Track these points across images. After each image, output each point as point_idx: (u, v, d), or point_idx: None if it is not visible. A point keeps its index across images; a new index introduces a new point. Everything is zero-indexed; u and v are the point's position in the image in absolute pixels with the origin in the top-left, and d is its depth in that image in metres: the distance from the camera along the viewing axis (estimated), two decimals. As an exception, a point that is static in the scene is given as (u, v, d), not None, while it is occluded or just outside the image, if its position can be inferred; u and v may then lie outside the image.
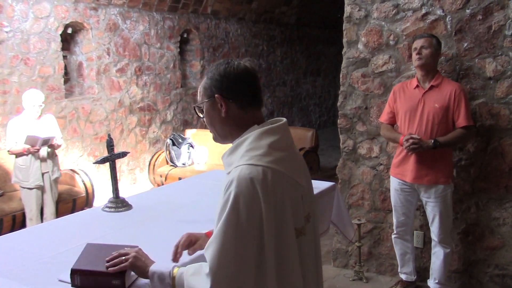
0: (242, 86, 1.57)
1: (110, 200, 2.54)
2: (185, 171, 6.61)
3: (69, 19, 6.32)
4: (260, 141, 1.52)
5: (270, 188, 1.45)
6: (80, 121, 6.60)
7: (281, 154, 1.53)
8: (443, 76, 3.40)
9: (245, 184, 1.43)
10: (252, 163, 1.47)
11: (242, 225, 1.42)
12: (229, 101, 1.56)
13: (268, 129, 1.54)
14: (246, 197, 1.42)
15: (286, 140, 1.60)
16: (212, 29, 8.74)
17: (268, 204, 1.44)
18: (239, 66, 1.57)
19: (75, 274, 1.68)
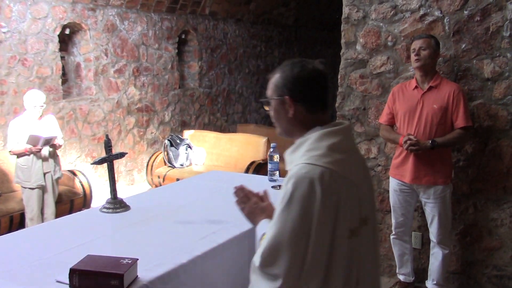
0: (312, 91, 1.63)
1: (108, 201, 2.53)
2: (183, 172, 6.60)
3: (67, 20, 6.31)
4: (321, 142, 1.57)
5: (327, 188, 1.49)
6: (78, 122, 6.60)
7: (340, 156, 1.57)
8: (442, 77, 3.40)
9: (302, 182, 1.48)
10: (311, 162, 1.52)
11: (294, 221, 1.47)
12: (298, 104, 1.61)
13: (329, 131, 1.59)
14: (302, 194, 1.48)
15: (347, 143, 1.65)
16: (210, 30, 8.73)
17: (324, 204, 1.48)
18: (313, 70, 1.63)
19: (74, 274, 1.68)
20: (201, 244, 2.08)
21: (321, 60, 1.70)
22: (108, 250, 1.98)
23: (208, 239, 2.14)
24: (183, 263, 1.90)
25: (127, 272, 1.66)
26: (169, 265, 1.86)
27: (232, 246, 2.18)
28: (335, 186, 1.51)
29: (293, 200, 1.48)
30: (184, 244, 2.08)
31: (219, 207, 2.62)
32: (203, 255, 2.01)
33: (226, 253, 2.14)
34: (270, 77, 1.72)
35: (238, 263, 2.22)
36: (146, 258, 1.89)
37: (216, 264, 2.08)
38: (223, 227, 2.28)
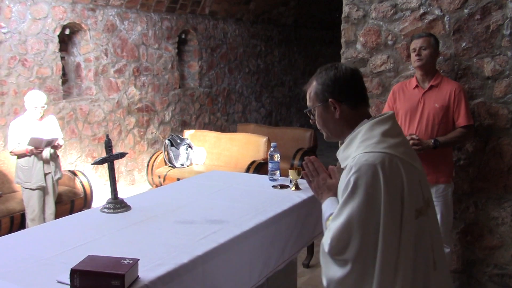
0: (351, 88, 1.75)
1: (109, 201, 2.53)
2: (184, 172, 6.60)
3: (67, 20, 6.31)
4: (373, 131, 1.67)
5: (389, 172, 1.58)
6: (78, 122, 6.60)
7: (395, 140, 1.67)
8: (442, 75, 3.40)
9: (365, 169, 1.58)
10: (369, 150, 1.61)
11: (361, 208, 1.57)
12: (342, 103, 1.74)
13: (378, 120, 1.71)
14: (367, 181, 1.57)
15: (397, 128, 1.74)
16: (210, 29, 8.73)
17: (388, 188, 1.56)
18: (347, 70, 1.76)
19: (75, 274, 1.67)
20: (202, 244, 2.08)
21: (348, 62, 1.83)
22: (109, 250, 1.97)
23: (209, 239, 2.14)
24: (183, 263, 1.89)
25: (128, 272, 1.66)
26: (170, 265, 1.85)
27: (233, 245, 2.17)
28: (397, 169, 1.60)
29: (358, 188, 1.57)
30: (185, 244, 2.07)
31: (219, 207, 2.62)
32: (204, 255, 2.00)
33: (227, 252, 2.14)
34: (307, 87, 1.84)
35: (239, 262, 2.22)
36: (147, 258, 1.88)
37: (217, 264, 2.07)
38: (224, 227, 2.28)
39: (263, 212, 2.49)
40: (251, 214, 2.46)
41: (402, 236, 1.59)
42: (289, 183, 2.94)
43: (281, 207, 2.57)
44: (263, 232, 2.38)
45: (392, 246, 1.58)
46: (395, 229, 1.59)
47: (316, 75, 1.81)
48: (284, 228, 2.56)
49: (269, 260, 2.46)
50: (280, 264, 2.56)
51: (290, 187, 2.90)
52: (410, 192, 1.62)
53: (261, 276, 2.41)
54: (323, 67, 1.82)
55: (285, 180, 3.04)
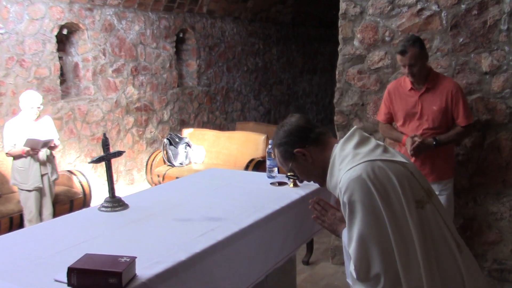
0: (304, 131, 1.81)
1: (106, 200, 2.53)
2: (183, 171, 6.60)
3: (64, 20, 6.30)
4: (344, 151, 1.73)
5: (376, 177, 1.62)
6: (77, 122, 6.59)
7: (367, 147, 1.72)
8: (436, 73, 3.34)
9: (353, 184, 1.62)
10: (349, 167, 1.67)
11: (366, 223, 1.60)
12: (306, 147, 1.80)
13: (344, 139, 1.77)
14: (359, 195, 1.61)
15: (364, 137, 1.79)
16: (208, 28, 8.73)
17: (381, 192, 1.61)
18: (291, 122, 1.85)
19: (72, 273, 1.67)
20: (200, 242, 2.07)
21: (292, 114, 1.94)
22: (106, 249, 1.97)
23: (207, 236, 2.14)
24: (182, 260, 1.89)
25: (126, 270, 1.65)
26: (167, 262, 1.85)
27: (231, 243, 2.17)
28: (382, 171, 1.64)
29: (354, 205, 1.62)
30: (183, 242, 2.07)
31: (217, 205, 2.62)
32: (202, 252, 2.00)
33: (225, 250, 2.13)
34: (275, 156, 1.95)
35: (237, 260, 2.22)
36: (145, 256, 1.88)
37: (215, 261, 2.07)
38: (222, 224, 2.28)
39: (261, 209, 2.48)
40: (249, 212, 2.46)
41: (412, 231, 1.61)
42: (287, 180, 2.94)
43: (279, 204, 2.57)
44: (261, 229, 2.38)
45: (408, 243, 1.61)
46: (404, 227, 1.61)
47: (273, 144, 1.91)
48: (282, 225, 2.56)
49: (268, 257, 2.46)
50: (279, 261, 2.56)
51: (288, 184, 2.90)
52: (404, 186, 1.64)
53: (260, 274, 2.41)
54: (274, 132, 1.92)
55: (283, 177, 3.04)
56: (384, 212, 1.60)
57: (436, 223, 1.69)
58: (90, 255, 1.77)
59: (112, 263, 1.69)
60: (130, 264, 1.70)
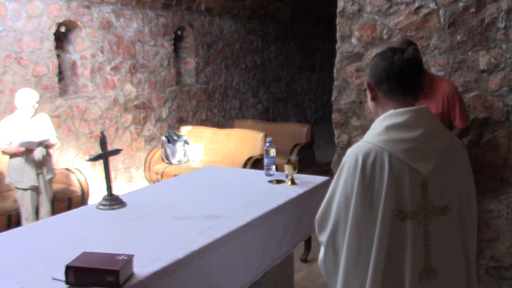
0: (386, 78, 1.68)
1: (104, 198, 2.53)
2: (181, 169, 6.60)
3: (62, 18, 6.29)
4: (382, 122, 1.66)
5: (368, 164, 1.60)
6: (75, 120, 6.58)
7: (399, 136, 1.62)
8: (432, 75, 3.29)
9: (350, 156, 1.65)
10: (366, 140, 1.66)
11: (340, 189, 1.66)
12: (375, 89, 1.72)
13: (393, 113, 1.66)
14: (348, 167, 1.64)
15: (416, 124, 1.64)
16: (206, 26, 8.72)
17: (362, 177, 1.60)
18: (399, 60, 1.68)
19: (70, 271, 1.68)
20: (198, 239, 2.08)
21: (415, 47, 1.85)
22: (104, 247, 1.98)
23: (205, 234, 2.15)
24: (179, 258, 1.90)
25: (123, 268, 1.66)
26: (165, 260, 1.86)
27: (229, 241, 2.18)
28: (380, 164, 1.59)
29: (342, 170, 1.67)
30: (181, 240, 2.08)
31: (215, 202, 2.63)
32: (200, 250, 2.01)
33: (222, 247, 2.14)
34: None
35: (235, 257, 2.23)
36: (142, 254, 1.89)
37: (213, 259, 2.08)
38: (220, 222, 2.29)
39: (259, 207, 2.49)
40: (247, 209, 2.47)
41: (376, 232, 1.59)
42: (285, 178, 2.94)
43: (277, 202, 2.58)
44: (259, 227, 2.38)
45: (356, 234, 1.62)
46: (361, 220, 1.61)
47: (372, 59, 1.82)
48: (280, 223, 2.57)
49: (265, 255, 2.47)
50: (277, 259, 2.57)
51: (286, 182, 2.90)
52: (393, 189, 1.59)
53: (258, 271, 2.42)
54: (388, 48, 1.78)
55: (281, 175, 3.05)
56: (354, 197, 1.60)
57: (408, 240, 1.61)
58: (87, 253, 1.78)
59: (110, 261, 1.70)
60: (128, 262, 1.70)
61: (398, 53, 1.69)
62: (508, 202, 3.51)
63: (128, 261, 1.71)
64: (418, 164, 1.61)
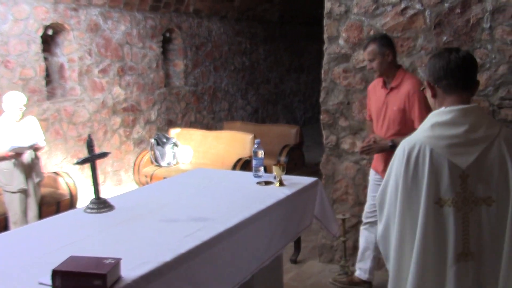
0: (444, 75, 1.91)
1: (92, 201, 2.52)
2: (170, 171, 6.59)
3: (49, 21, 6.25)
4: (430, 119, 1.93)
5: (413, 156, 1.88)
6: (63, 123, 6.54)
7: (443, 133, 1.87)
8: (404, 73, 3.31)
9: (400, 148, 1.95)
10: (414, 134, 1.95)
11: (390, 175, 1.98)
12: (435, 86, 1.94)
13: (440, 111, 1.92)
14: (397, 157, 1.94)
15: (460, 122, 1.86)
16: (194, 28, 8.71)
17: (407, 167, 1.88)
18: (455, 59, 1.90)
19: (57, 275, 1.67)
20: (186, 242, 2.08)
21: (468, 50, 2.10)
22: (91, 251, 1.97)
23: (193, 236, 2.14)
24: (167, 261, 1.89)
25: (110, 272, 1.66)
26: (153, 263, 1.85)
27: (217, 243, 2.18)
28: (422, 157, 1.86)
29: (394, 159, 1.97)
30: (169, 242, 2.08)
31: (204, 205, 2.62)
32: (188, 253, 2.00)
33: (211, 250, 2.14)
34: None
35: (223, 259, 2.23)
36: (130, 258, 1.88)
37: (201, 262, 2.08)
38: (208, 225, 2.28)
39: (247, 209, 2.50)
40: (236, 211, 2.47)
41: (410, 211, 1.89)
42: (274, 179, 2.95)
43: (265, 204, 2.59)
44: (247, 228, 2.39)
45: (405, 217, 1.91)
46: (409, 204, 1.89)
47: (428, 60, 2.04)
48: (268, 224, 2.57)
49: (254, 257, 2.47)
50: (265, 260, 2.57)
51: (274, 183, 2.91)
52: (431, 180, 1.84)
53: (247, 273, 2.42)
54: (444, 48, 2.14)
55: (270, 177, 3.05)
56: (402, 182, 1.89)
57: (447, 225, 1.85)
58: (74, 257, 1.77)
59: (97, 265, 1.69)
60: (115, 265, 1.70)
61: (454, 52, 1.92)
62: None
63: (115, 264, 1.70)
64: (457, 158, 1.84)
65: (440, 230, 1.86)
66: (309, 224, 3.04)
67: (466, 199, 1.85)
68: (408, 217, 1.90)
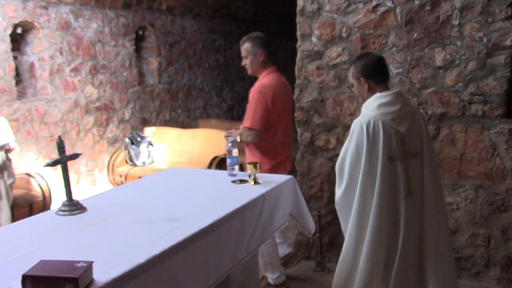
0: (375, 70, 2.68)
1: (64, 204, 2.48)
2: (145, 170, 6.53)
3: (18, 19, 6.13)
4: (374, 101, 2.64)
5: (371, 129, 2.56)
6: (34, 123, 6.43)
7: (387, 110, 2.60)
8: (267, 73, 3.63)
9: (359, 124, 2.60)
10: (365, 113, 2.64)
11: (353, 146, 2.61)
12: (368, 80, 2.69)
13: (380, 95, 2.65)
14: (357, 132, 2.59)
15: (393, 102, 2.62)
16: (168, 25, 8.64)
17: (367, 137, 2.55)
18: (373, 58, 2.71)
19: (27, 280, 1.63)
20: (160, 243, 2.06)
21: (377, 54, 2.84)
22: (63, 254, 1.94)
23: (167, 237, 2.12)
24: (141, 263, 1.87)
25: (82, 275, 1.63)
26: (126, 266, 1.83)
27: (192, 243, 2.16)
28: (376, 128, 2.56)
29: (353, 134, 2.61)
30: (142, 244, 2.05)
31: (178, 205, 2.61)
32: (162, 254, 1.98)
33: (186, 250, 2.13)
34: (350, 67, 2.83)
35: (198, 259, 2.22)
36: (103, 260, 1.85)
37: (176, 262, 2.06)
38: (182, 225, 2.27)
39: (222, 208, 2.49)
40: (210, 210, 2.46)
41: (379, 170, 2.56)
42: (248, 178, 2.94)
43: (240, 202, 2.58)
44: (222, 228, 2.38)
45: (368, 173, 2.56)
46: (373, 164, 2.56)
47: (354, 60, 2.79)
48: (244, 223, 2.57)
49: (230, 256, 2.46)
50: (242, 258, 2.57)
51: (249, 181, 2.91)
52: (386, 142, 2.56)
53: (223, 271, 2.42)
54: (360, 54, 3.05)
55: (245, 175, 3.05)
56: (366, 152, 2.55)
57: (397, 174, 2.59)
58: (45, 261, 1.74)
59: (68, 268, 1.66)
60: (87, 269, 1.67)
61: (371, 55, 2.75)
62: (466, 195, 3.61)
63: (87, 267, 1.68)
64: (399, 126, 2.61)
65: (393, 178, 2.59)
66: (285, 222, 3.05)
67: (405, 154, 2.61)
68: (370, 172, 2.56)
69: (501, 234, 3.58)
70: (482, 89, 3.46)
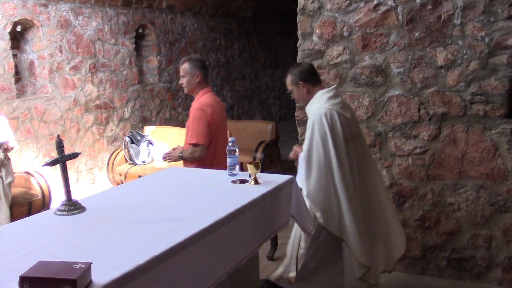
0: (310, 74, 3.16)
1: (63, 203, 2.46)
2: (145, 169, 6.51)
3: (18, 17, 6.11)
4: (322, 96, 3.08)
5: (329, 119, 2.97)
6: (34, 122, 6.41)
7: (335, 101, 3.06)
8: (203, 93, 3.71)
9: (318, 116, 2.99)
10: (320, 107, 3.03)
11: (317, 138, 2.99)
12: (307, 84, 3.14)
13: (326, 90, 3.12)
14: (318, 123, 2.98)
15: (337, 94, 3.14)
16: (168, 24, 8.62)
17: (329, 126, 2.96)
18: (306, 64, 3.28)
19: (24, 282, 1.62)
20: (159, 244, 2.04)
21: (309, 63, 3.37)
22: (61, 255, 1.92)
23: (167, 238, 2.10)
24: (140, 264, 1.85)
25: (80, 276, 1.61)
26: (125, 267, 1.81)
27: (191, 244, 2.14)
28: (333, 117, 2.98)
29: (315, 125, 2.99)
30: (141, 244, 2.03)
31: (177, 205, 2.59)
32: (161, 254, 1.96)
33: (185, 251, 2.11)
34: (286, 76, 3.20)
35: (198, 260, 2.20)
36: (102, 261, 1.84)
37: (175, 263, 2.04)
38: (182, 225, 2.25)
39: (222, 208, 2.46)
40: (210, 211, 2.44)
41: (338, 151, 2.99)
42: (248, 178, 2.92)
43: (240, 202, 2.56)
44: (222, 228, 2.36)
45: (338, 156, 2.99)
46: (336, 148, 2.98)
47: (291, 69, 3.20)
48: (244, 223, 2.55)
49: (230, 256, 2.44)
50: (241, 259, 2.55)
51: (249, 181, 2.89)
52: (343, 128, 3.00)
53: (223, 272, 2.40)
54: (292, 66, 3.27)
55: (245, 175, 3.02)
56: (330, 138, 2.97)
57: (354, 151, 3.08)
58: (43, 262, 1.72)
59: (66, 270, 1.64)
60: (85, 270, 1.65)
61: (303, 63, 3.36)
62: (467, 195, 3.60)
63: (86, 269, 1.66)
64: (347, 114, 3.07)
65: (348, 154, 3.04)
66: (286, 223, 3.03)
67: (352, 136, 3.08)
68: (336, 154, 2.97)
69: (503, 235, 3.56)
70: (484, 89, 3.44)
